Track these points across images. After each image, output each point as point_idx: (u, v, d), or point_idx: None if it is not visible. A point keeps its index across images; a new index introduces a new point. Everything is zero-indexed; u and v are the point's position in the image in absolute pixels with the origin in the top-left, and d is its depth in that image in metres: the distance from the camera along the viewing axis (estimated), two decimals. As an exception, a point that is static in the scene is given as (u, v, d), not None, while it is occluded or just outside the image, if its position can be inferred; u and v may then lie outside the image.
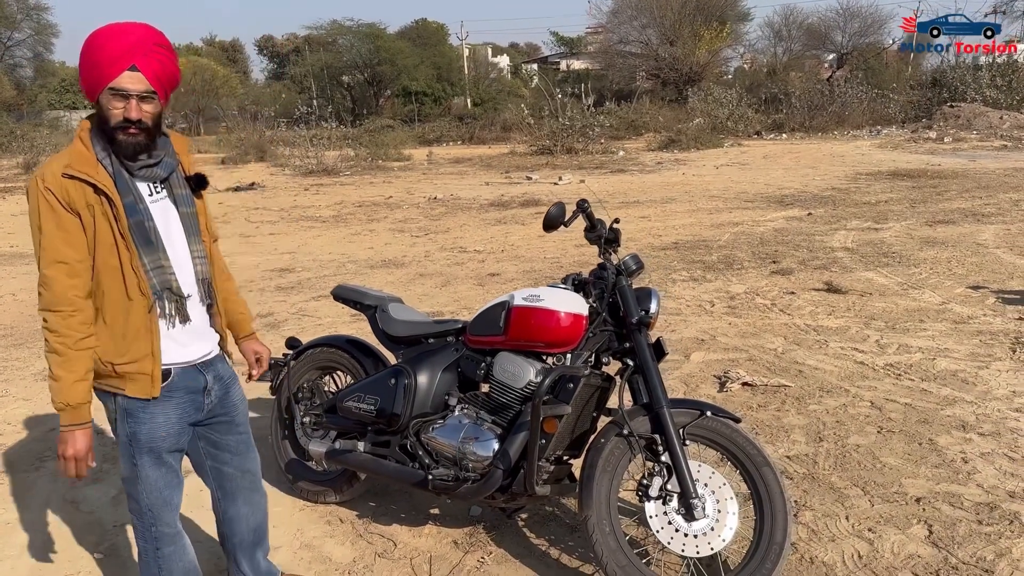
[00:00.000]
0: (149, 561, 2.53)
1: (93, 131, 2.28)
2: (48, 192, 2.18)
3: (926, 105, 29.72)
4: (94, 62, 2.20)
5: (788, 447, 4.05)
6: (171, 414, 2.41)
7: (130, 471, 2.44)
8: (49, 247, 2.19)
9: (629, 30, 44.74)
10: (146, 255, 2.28)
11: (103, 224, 2.23)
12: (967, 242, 8.88)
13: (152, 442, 2.39)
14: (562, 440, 3.04)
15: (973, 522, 3.29)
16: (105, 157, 2.26)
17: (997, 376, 4.86)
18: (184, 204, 2.41)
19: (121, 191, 2.25)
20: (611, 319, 3.02)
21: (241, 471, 2.69)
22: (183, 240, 2.40)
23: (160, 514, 2.47)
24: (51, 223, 2.19)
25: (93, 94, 2.23)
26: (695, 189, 14.72)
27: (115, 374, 2.31)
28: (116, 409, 2.38)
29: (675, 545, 2.79)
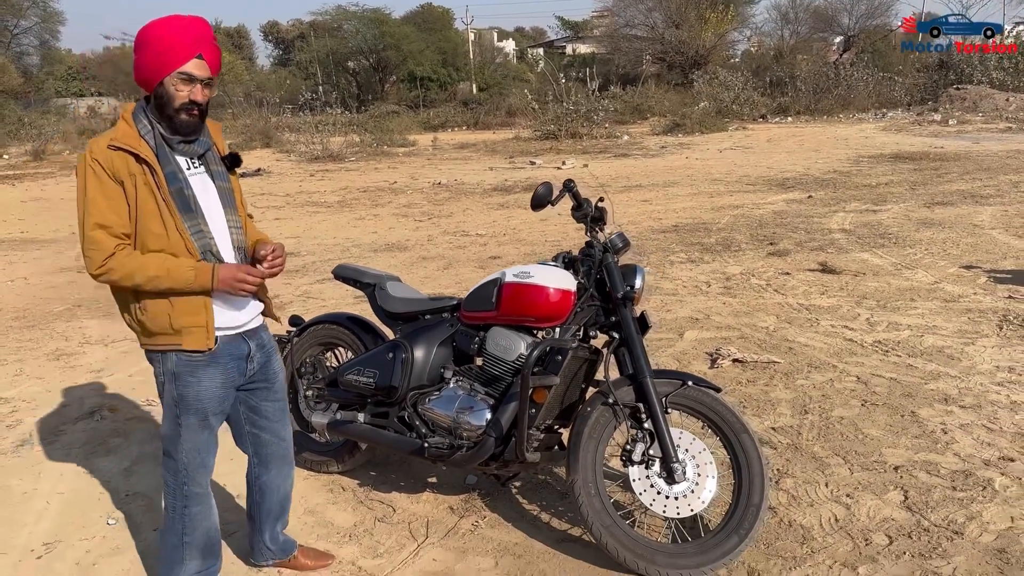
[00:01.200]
0: (175, 518, 2.72)
1: (135, 112, 2.51)
2: (95, 163, 2.42)
3: (932, 88, 29.66)
4: (163, 49, 2.42)
5: (774, 419, 4.19)
6: (216, 378, 2.62)
7: (172, 430, 2.65)
8: (94, 211, 2.41)
9: (635, 13, 44.57)
10: (186, 220, 2.50)
11: (145, 192, 2.45)
12: (964, 223, 8.98)
13: (199, 403, 2.61)
14: (551, 410, 3.19)
15: (947, 488, 3.43)
16: (148, 133, 2.49)
17: (982, 352, 4.98)
18: (220, 179, 2.65)
19: (162, 162, 2.48)
20: (598, 294, 3.16)
21: (277, 438, 2.91)
22: (220, 211, 2.62)
23: (194, 474, 2.68)
24: (96, 191, 2.42)
25: (157, 77, 2.45)
26: (698, 173, 14.81)
27: (171, 330, 2.51)
28: (165, 372, 2.59)
29: (657, 507, 2.94)
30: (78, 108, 40.81)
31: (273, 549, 3.05)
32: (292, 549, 3.09)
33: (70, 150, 25.43)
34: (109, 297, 7.42)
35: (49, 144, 25.59)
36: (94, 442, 4.32)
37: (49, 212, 13.40)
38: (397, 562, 3.10)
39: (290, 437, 2.99)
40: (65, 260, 9.48)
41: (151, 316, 2.51)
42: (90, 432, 4.45)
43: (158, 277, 2.44)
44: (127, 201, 2.43)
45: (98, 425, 4.54)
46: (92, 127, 30.90)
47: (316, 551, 3.15)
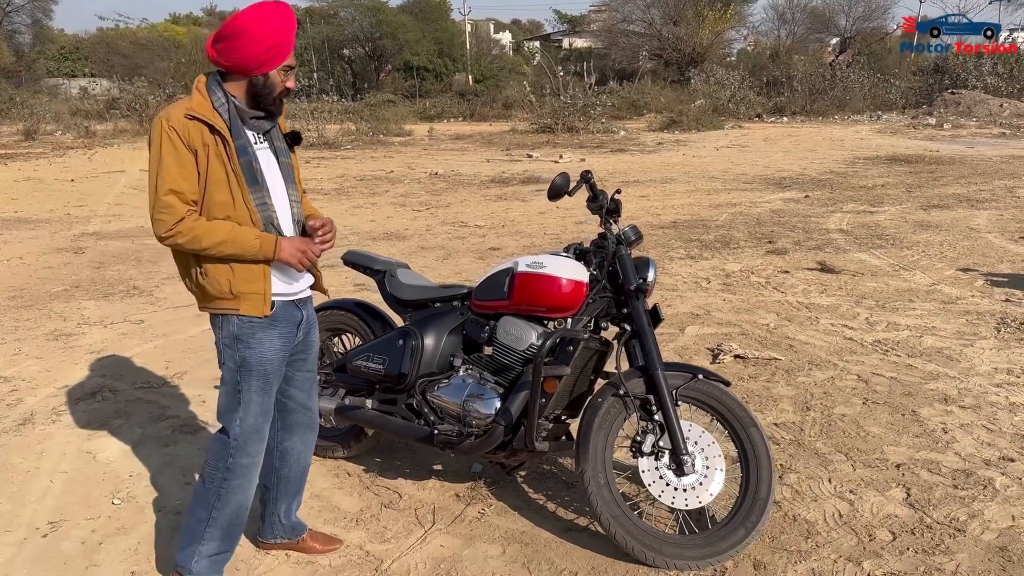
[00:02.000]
0: (210, 490, 2.74)
1: (209, 85, 2.56)
2: (172, 131, 2.47)
3: (927, 91, 29.78)
4: (275, 43, 2.50)
5: (776, 415, 4.22)
6: (276, 341, 2.69)
7: (231, 398, 2.70)
8: (168, 177, 2.47)
9: (633, 9, 44.61)
10: (253, 192, 2.57)
11: (216, 162, 2.51)
12: (960, 226, 9.04)
13: (261, 365, 2.67)
14: (561, 400, 3.20)
15: (949, 487, 3.47)
16: (222, 105, 2.55)
17: (981, 354, 5.03)
18: (283, 155, 2.72)
19: (234, 134, 2.54)
20: (610, 286, 3.18)
21: (303, 407, 2.96)
22: (282, 185, 2.69)
23: (246, 443, 2.71)
24: (171, 157, 2.47)
25: (266, 69, 2.53)
26: (695, 170, 14.84)
27: (230, 295, 2.58)
28: (226, 336, 2.64)
29: (665, 498, 2.96)
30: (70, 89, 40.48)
31: (285, 525, 3.05)
32: (302, 531, 3.10)
33: (62, 130, 25.23)
34: (108, 278, 7.40)
35: (41, 124, 25.39)
36: (96, 423, 4.31)
37: (43, 192, 13.32)
38: (405, 547, 3.11)
39: (316, 408, 3.04)
40: (61, 240, 9.43)
41: (211, 280, 2.57)
42: (92, 413, 4.44)
43: (224, 242, 2.51)
44: (198, 169, 2.50)
45: (100, 406, 4.53)
46: (85, 108, 30.66)
47: (325, 535, 3.16)
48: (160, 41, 43.45)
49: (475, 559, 3.04)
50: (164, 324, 6.00)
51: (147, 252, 8.67)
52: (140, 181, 14.82)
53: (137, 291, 7.00)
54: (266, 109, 2.61)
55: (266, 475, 2.98)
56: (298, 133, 2.83)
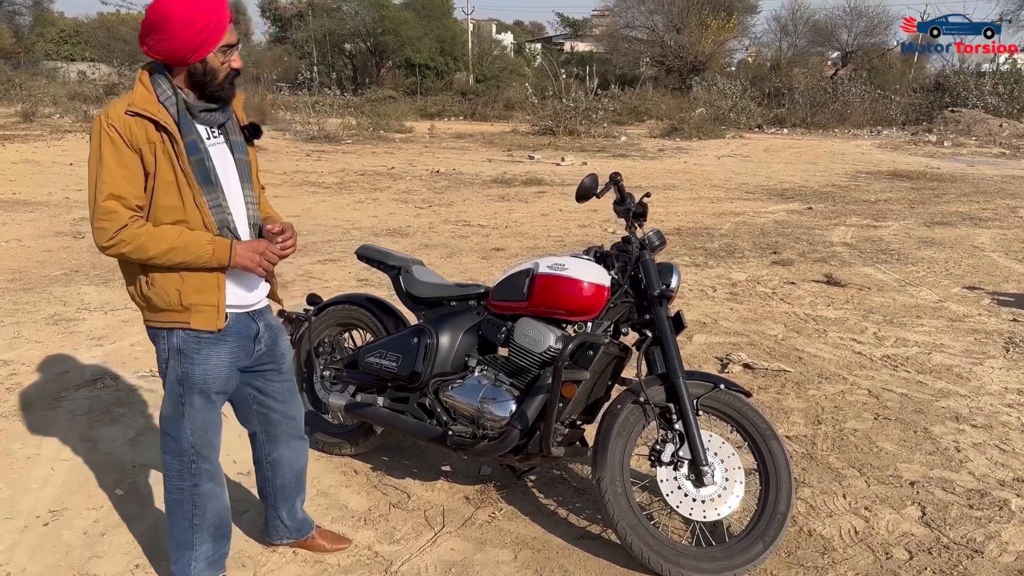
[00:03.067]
0: (183, 500, 2.61)
1: (154, 78, 2.36)
2: (112, 128, 2.26)
3: (927, 108, 29.87)
4: (205, 23, 2.27)
5: (788, 428, 4.18)
6: (223, 357, 2.51)
7: (174, 411, 2.53)
8: (109, 180, 2.27)
9: (636, 15, 44.60)
10: (206, 193, 2.37)
11: (164, 162, 2.31)
12: (964, 244, 9.03)
13: (204, 383, 2.49)
14: (578, 405, 3.15)
15: (964, 506, 3.43)
16: (168, 99, 2.34)
17: (990, 373, 5.00)
18: (239, 151, 2.51)
19: (183, 130, 2.34)
20: (632, 291, 3.12)
21: (286, 416, 2.82)
22: (238, 184, 2.50)
23: (202, 451, 2.58)
24: (112, 158, 2.27)
25: (200, 55, 2.31)
26: (697, 178, 14.82)
27: (180, 307, 2.39)
28: (169, 349, 2.46)
29: (683, 508, 2.91)
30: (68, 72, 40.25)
31: (290, 527, 2.98)
32: (309, 529, 3.03)
33: (60, 113, 25.07)
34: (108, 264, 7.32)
35: (39, 106, 25.21)
36: (97, 410, 4.23)
37: (41, 174, 13.20)
38: (415, 549, 3.05)
39: (301, 415, 2.91)
40: (60, 224, 9.33)
41: (159, 291, 2.38)
42: (92, 400, 4.36)
43: (174, 250, 2.31)
44: (144, 170, 2.30)
45: (101, 393, 4.45)
46: (83, 92, 30.47)
47: (333, 534, 3.09)
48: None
49: (487, 564, 2.98)
50: (165, 313, 5.92)
51: (147, 239, 8.57)
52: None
53: (137, 278, 6.91)
54: (214, 98, 2.39)
55: (262, 487, 2.92)
56: (258, 125, 2.61)
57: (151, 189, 2.32)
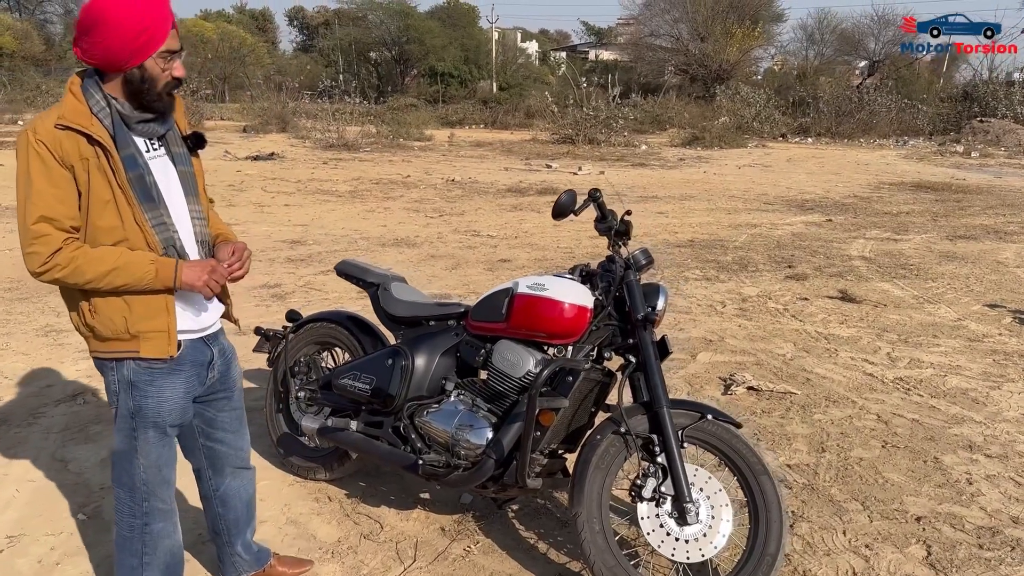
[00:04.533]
0: (132, 537, 2.45)
1: (85, 86, 2.19)
2: (40, 144, 2.08)
3: (955, 118, 29.34)
4: (145, 25, 2.10)
5: (789, 455, 3.97)
6: (178, 387, 2.35)
7: (127, 445, 2.37)
8: (39, 202, 2.09)
9: (660, 23, 44.42)
10: (147, 211, 2.20)
11: (98, 179, 2.14)
12: (987, 259, 8.73)
13: (158, 416, 2.34)
14: (557, 433, 2.97)
15: (974, 546, 3.20)
16: (102, 110, 2.17)
17: (1008, 397, 4.75)
18: (182, 163, 2.34)
19: (119, 144, 2.17)
20: (616, 313, 2.94)
21: (233, 448, 2.66)
22: (182, 199, 2.32)
23: (155, 489, 2.42)
24: (42, 178, 2.10)
25: (136, 60, 2.13)
26: (715, 188, 14.57)
27: (127, 335, 2.22)
28: (119, 381, 2.30)
29: (665, 549, 2.72)
30: (98, 80, 40.68)
31: (248, 559, 2.82)
32: (267, 558, 2.87)
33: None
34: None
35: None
36: (73, 428, 4.12)
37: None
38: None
39: (247, 446, 2.74)
40: (67, 232, 9.29)
41: (104, 319, 2.20)
42: (70, 416, 4.25)
43: (114, 271, 2.13)
44: (77, 189, 2.12)
45: (80, 409, 4.34)
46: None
47: (293, 558, 2.94)
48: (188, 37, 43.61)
49: (455, 603, 2.81)
50: (158, 325, 5.81)
51: (152, 248, 8.52)
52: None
53: (136, 288, 6.82)
54: (152, 108, 2.21)
55: (213, 523, 2.75)
56: (201, 135, 2.41)
57: (86, 209, 2.15)
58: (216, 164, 16.78)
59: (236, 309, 2.65)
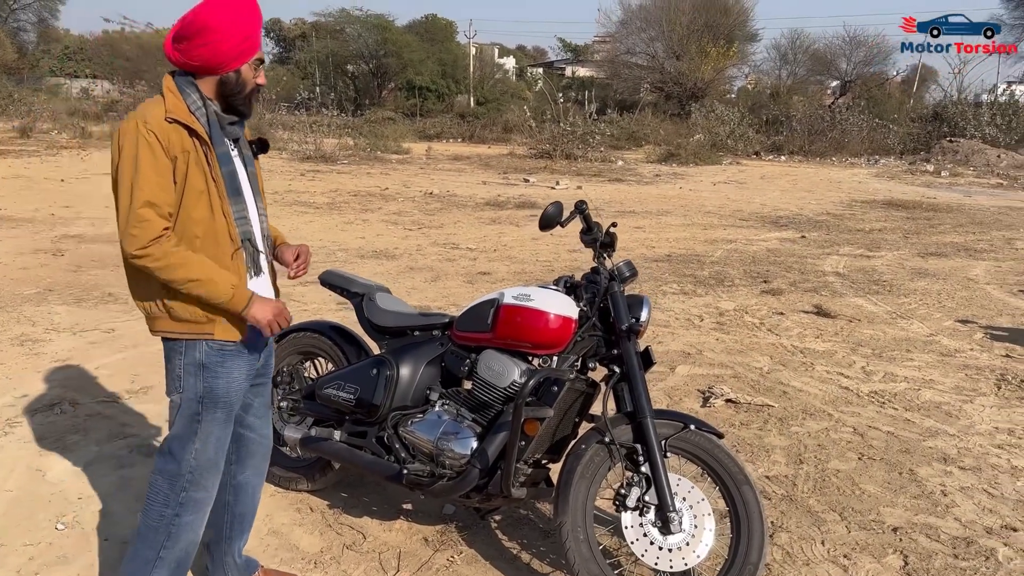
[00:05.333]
0: (159, 528, 2.49)
1: (180, 85, 2.33)
2: (151, 134, 2.22)
3: (925, 138, 29.84)
4: (247, 34, 2.29)
5: (768, 467, 4.01)
6: (243, 368, 2.49)
7: (187, 429, 2.45)
8: (145, 187, 2.21)
9: (636, 41, 44.78)
10: (234, 204, 2.36)
11: (195, 171, 2.28)
12: (958, 276, 8.89)
13: (227, 396, 2.45)
14: (542, 443, 2.99)
15: (949, 555, 3.26)
16: (199, 109, 2.32)
17: (981, 411, 4.84)
18: (250, 164, 2.51)
19: (215, 141, 2.33)
20: (600, 324, 2.97)
21: (261, 435, 2.76)
22: (252, 197, 2.48)
23: (201, 477, 2.49)
24: (149, 165, 2.22)
25: (237, 64, 2.32)
26: (691, 204, 14.72)
27: (204, 317, 2.34)
28: (190, 364, 2.40)
29: (648, 558, 2.75)
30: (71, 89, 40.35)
31: (239, 564, 2.81)
32: (254, 569, 2.86)
33: (57, 129, 25.02)
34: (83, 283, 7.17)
35: (38, 122, 25.19)
36: (51, 437, 4.07)
37: (30, 191, 13.09)
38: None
39: (271, 435, 2.84)
40: (41, 241, 9.20)
41: (184, 301, 2.32)
42: (48, 426, 4.20)
43: (198, 281, 2.27)
44: (175, 179, 2.27)
45: (57, 419, 4.29)
46: (82, 108, 30.51)
47: (278, 572, 2.93)
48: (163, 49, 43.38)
49: (440, 612, 2.81)
50: (136, 334, 5.77)
51: (128, 258, 8.44)
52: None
53: (112, 298, 6.76)
54: (237, 110, 2.40)
55: (217, 514, 2.73)
56: (265, 140, 2.60)
57: (180, 198, 2.28)
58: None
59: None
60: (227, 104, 2.38)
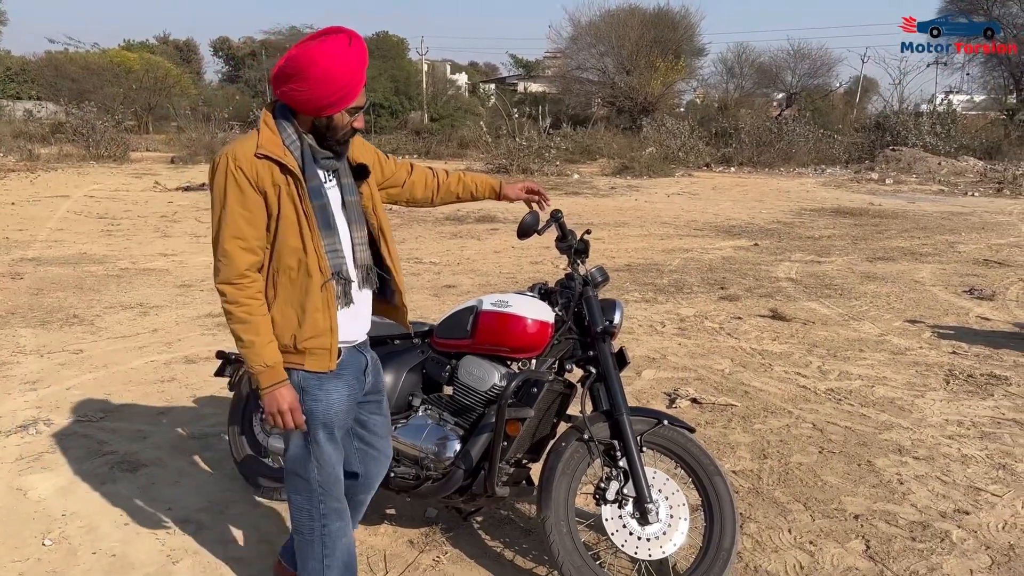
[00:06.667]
0: (314, 541, 2.61)
1: (278, 120, 2.39)
2: (239, 171, 2.30)
3: (869, 147, 30.71)
4: (343, 84, 2.31)
5: (734, 462, 4.19)
6: (343, 391, 2.54)
7: (301, 449, 2.55)
8: (231, 223, 2.31)
9: (587, 57, 45.37)
10: (325, 237, 2.40)
11: (288, 204, 2.35)
12: (905, 279, 9.25)
13: (327, 417, 2.51)
14: (523, 443, 3.12)
15: (907, 539, 3.46)
16: (293, 143, 2.37)
17: (932, 405, 5.09)
18: (350, 193, 2.53)
19: (307, 176, 2.38)
20: (576, 328, 3.12)
21: (384, 454, 2.84)
22: (346, 228, 2.51)
23: (330, 489, 2.59)
24: (236, 201, 2.31)
25: (332, 111, 2.35)
26: (647, 215, 15.01)
27: (295, 350, 2.42)
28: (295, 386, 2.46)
29: (628, 547, 2.88)
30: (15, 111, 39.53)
31: None
32: None
33: (3, 152, 24.53)
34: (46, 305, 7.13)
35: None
36: (28, 457, 4.08)
37: (-20, 215, 12.87)
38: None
39: (391, 450, 2.91)
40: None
41: (278, 332, 2.40)
42: (23, 447, 4.21)
43: (242, 341, 2.35)
44: (268, 212, 2.34)
45: (33, 439, 4.30)
46: (28, 131, 29.95)
47: None
48: (110, 67, 42.74)
49: (430, 609, 2.91)
50: (105, 355, 5.77)
51: (88, 279, 8.39)
52: (84, 207, 14.45)
53: (77, 320, 6.73)
54: (330, 149, 2.44)
55: None
56: (365, 166, 2.60)
57: (275, 229, 2.36)
58: (147, 195, 16.52)
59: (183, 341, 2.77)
60: (320, 142, 2.43)
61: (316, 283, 2.40)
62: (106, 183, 18.49)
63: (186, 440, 4.37)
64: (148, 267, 9.21)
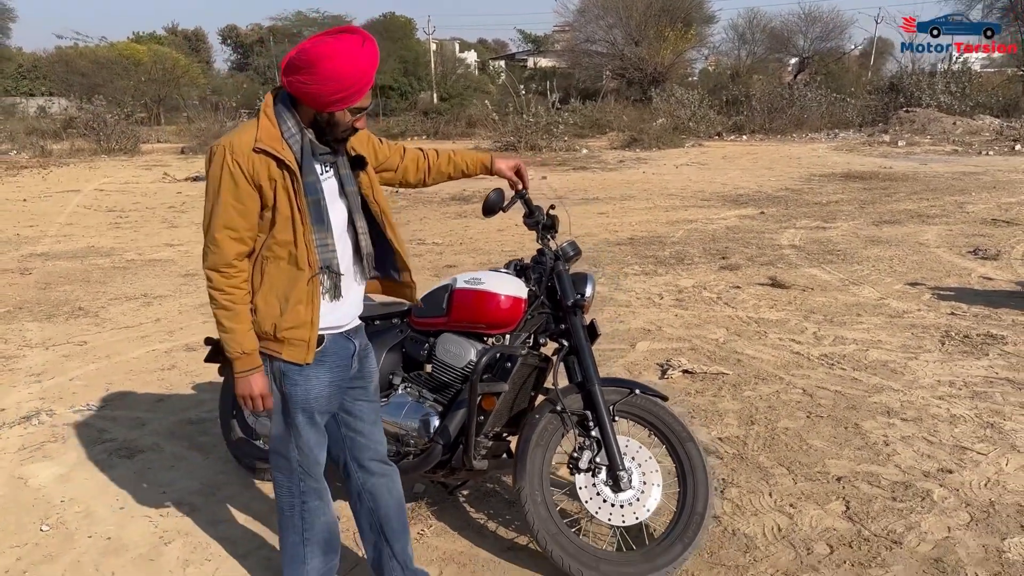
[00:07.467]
0: (293, 516, 2.70)
1: (278, 110, 2.40)
2: (235, 165, 2.31)
3: (883, 110, 30.36)
4: (349, 84, 2.30)
5: (721, 430, 4.23)
6: (323, 377, 2.56)
7: (282, 430, 2.61)
8: (223, 213, 2.33)
9: (595, 29, 45.00)
10: (316, 232, 2.42)
11: (283, 197, 2.36)
12: (910, 242, 9.19)
13: (306, 403, 2.55)
14: (500, 417, 3.17)
15: (888, 499, 3.49)
16: (292, 137, 2.38)
17: (925, 366, 5.09)
18: (348, 183, 2.54)
19: (304, 170, 2.39)
20: (548, 302, 3.16)
21: (371, 441, 2.83)
22: (344, 219, 2.54)
23: (310, 470, 2.66)
24: (229, 193, 2.32)
25: (336, 108, 2.35)
26: (654, 187, 14.96)
27: (275, 339, 2.45)
28: (273, 371, 2.52)
29: (603, 514, 2.94)
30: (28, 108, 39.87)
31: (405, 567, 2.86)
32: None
33: (16, 150, 24.79)
34: (52, 299, 7.27)
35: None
36: (30, 447, 4.19)
37: (-7, 212, 13.06)
38: (344, 571, 3.05)
39: (384, 442, 2.91)
40: (7, 261, 9.23)
41: (260, 318, 2.44)
42: (26, 437, 4.32)
43: (222, 327, 2.40)
44: (262, 203, 2.36)
45: (35, 430, 4.41)
46: (41, 127, 30.23)
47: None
48: (120, 60, 42.99)
49: (411, 581, 2.98)
50: (108, 345, 5.88)
51: (95, 272, 8.52)
52: (94, 200, 14.61)
53: (82, 312, 6.86)
54: (327, 144, 2.45)
55: (368, 521, 2.86)
56: (363, 157, 2.59)
57: (269, 221, 2.39)
58: (156, 187, 16.68)
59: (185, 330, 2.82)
60: (319, 136, 2.43)
61: (304, 276, 2.42)
62: (116, 176, 18.67)
63: (183, 425, 4.47)
64: (154, 258, 9.33)
